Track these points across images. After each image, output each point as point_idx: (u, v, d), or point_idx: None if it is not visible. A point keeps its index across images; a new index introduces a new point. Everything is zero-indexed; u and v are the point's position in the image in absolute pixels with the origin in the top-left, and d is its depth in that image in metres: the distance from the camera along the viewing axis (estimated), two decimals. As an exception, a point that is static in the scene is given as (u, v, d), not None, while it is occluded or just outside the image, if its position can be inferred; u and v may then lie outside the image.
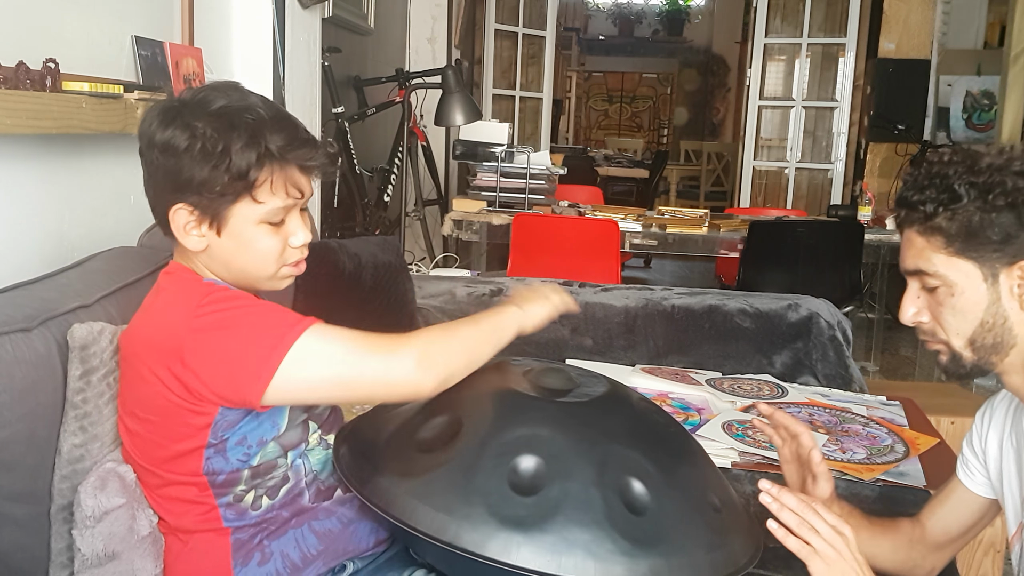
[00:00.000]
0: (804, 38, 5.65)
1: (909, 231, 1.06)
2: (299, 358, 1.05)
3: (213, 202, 1.08)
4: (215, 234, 1.11)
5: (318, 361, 1.06)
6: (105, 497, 1.10)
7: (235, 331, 1.06)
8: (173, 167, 1.07)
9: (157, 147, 1.08)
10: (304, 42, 2.50)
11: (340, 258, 1.98)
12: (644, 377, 2.09)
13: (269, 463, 1.14)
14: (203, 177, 1.06)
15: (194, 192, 1.07)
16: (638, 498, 1.05)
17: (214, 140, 1.05)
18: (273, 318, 1.08)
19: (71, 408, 1.11)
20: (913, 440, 1.76)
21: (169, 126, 1.07)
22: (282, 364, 1.04)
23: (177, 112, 1.08)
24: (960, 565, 1.63)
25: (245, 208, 1.09)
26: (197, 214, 1.09)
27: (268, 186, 1.09)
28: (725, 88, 10.93)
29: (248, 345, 1.05)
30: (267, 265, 1.14)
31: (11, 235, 1.39)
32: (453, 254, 3.84)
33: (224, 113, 1.07)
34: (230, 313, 1.07)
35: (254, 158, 1.06)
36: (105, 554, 1.10)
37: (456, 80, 3.64)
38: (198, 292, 1.10)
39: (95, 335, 1.14)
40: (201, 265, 1.15)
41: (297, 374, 1.05)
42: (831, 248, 3.52)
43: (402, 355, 1.08)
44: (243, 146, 1.05)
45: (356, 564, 1.21)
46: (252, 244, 1.11)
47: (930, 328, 1.08)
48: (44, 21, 1.47)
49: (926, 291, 1.07)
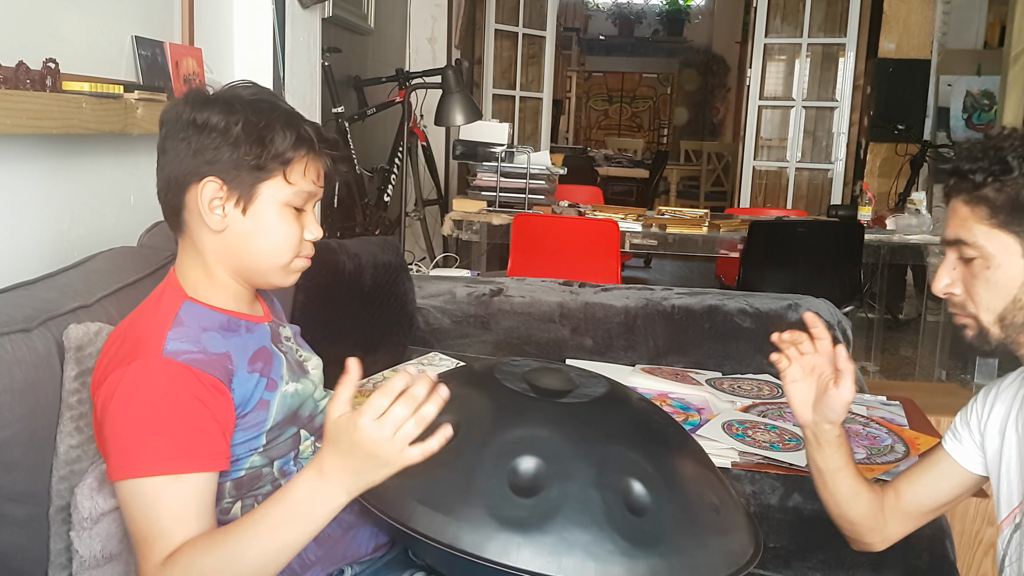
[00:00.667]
0: (804, 38, 5.65)
1: (955, 200, 1.06)
2: (136, 489, 0.98)
3: (248, 176, 1.08)
4: (240, 213, 1.10)
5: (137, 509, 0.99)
6: (102, 498, 1.10)
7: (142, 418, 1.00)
8: (208, 143, 1.07)
9: (192, 125, 1.08)
10: (304, 42, 2.50)
11: (340, 258, 1.98)
12: (644, 377, 2.09)
13: (253, 472, 1.12)
14: (242, 151, 1.07)
15: (230, 166, 1.08)
16: (638, 499, 1.05)
17: (256, 119, 1.08)
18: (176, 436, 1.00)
19: (67, 409, 1.11)
20: (913, 440, 1.76)
21: (206, 108, 1.08)
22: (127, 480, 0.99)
23: (211, 98, 1.10)
24: (960, 565, 1.63)
25: (275, 187, 1.10)
26: (226, 189, 1.08)
27: (301, 169, 1.11)
28: (725, 88, 10.93)
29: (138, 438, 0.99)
30: (283, 252, 1.13)
31: (11, 235, 1.39)
32: (453, 254, 3.84)
33: (261, 99, 1.11)
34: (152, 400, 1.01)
35: (294, 138, 1.09)
36: (103, 555, 1.10)
37: (456, 80, 3.64)
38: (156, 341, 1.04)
39: (91, 336, 1.13)
40: (208, 258, 1.12)
41: (130, 500, 0.99)
42: (831, 248, 3.52)
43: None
44: (283, 125, 1.09)
45: (354, 569, 1.21)
46: (274, 226, 1.11)
47: (961, 301, 1.08)
48: (44, 21, 1.47)
49: (962, 262, 1.07)
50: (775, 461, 1.63)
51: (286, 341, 1.23)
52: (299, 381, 1.18)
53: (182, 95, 1.14)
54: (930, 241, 3.65)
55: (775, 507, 1.56)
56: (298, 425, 1.18)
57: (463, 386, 1.19)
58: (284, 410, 1.14)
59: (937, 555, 1.53)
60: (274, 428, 1.13)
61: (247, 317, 1.16)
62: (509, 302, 2.34)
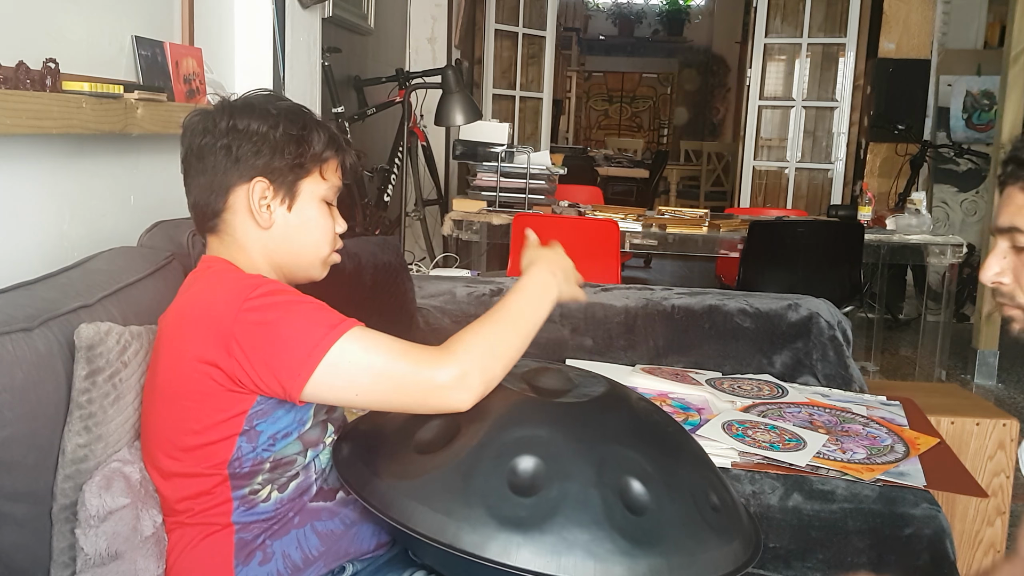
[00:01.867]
0: (804, 38, 5.65)
1: (1011, 188, 1.05)
2: (339, 358, 1.07)
3: (291, 174, 1.19)
4: (286, 209, 1.20)
5: (357, 364, 1.08)
6: (110, 497, 1.10)
7: (282, 324, 1.08)
8: (252, 148, 1.17)
9: (234, 131, 1.17)
10: (304, 42, 2.50)
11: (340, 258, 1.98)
12: (644, 377, 2.09)
13: (289, 458, 1.16)
14: (288, 152, 1.18)
15: (275, 167, 1.18)
16: (637, 498, 1.05)
17: (293, 122, 1.19)
18: (319, 316, 1.10)
19: (76, 408, 1.11)
20: (913, 440, 1.76)
21: (245, 116, 1.18)
22: (322, 363, 1.06)
23: (248, 105, 1.19)
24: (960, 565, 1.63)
25: (313, 184, 1.22)
26: (273, 189, 1.19)
27: (334, 166, 1.24)
28: (725, 88, 10.93)
29: (292, 339, 1.07)
30: (323, 245, 1.24)
31: (12, 235, 1.39)
32: (453, 254, 3.83)
33: (293, 106, 1.22)
34: (279, 306, 1.10)
35: (327, 138, 1.22)
36: (108, 554, 1.10)
37: (456, 80, 3.64)
38: (247, 282, 1.13)
39: (102, 335, 1.14)
40: (255, 254, 1.20)
41: (336, 373, 1.07)
42: (831, 248, 3.52)
43: (444, 370, 1.08)
44: (316, 127, 1.21)
45: (355, 566, 1.21)
46: (315, 221, 1.22)
47: (1009, 291, 1.07)
48: (44, 21, 1.47)
49: (1014, 251, 1.05)
50: (775, 461, 1.63)
51: None
52: None
53: (211, 106, 1.24)
54: (930, 241, 3.65)
55: (775, 507, 1.56)
56: (326, 410, 1.23)
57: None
58: None
59: (937, 555, 1.53)
60: (316, 406, 1.18)
61: None
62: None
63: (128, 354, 1.18)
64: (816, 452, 1.66)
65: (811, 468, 1.61)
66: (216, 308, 1.10)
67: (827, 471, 1.60)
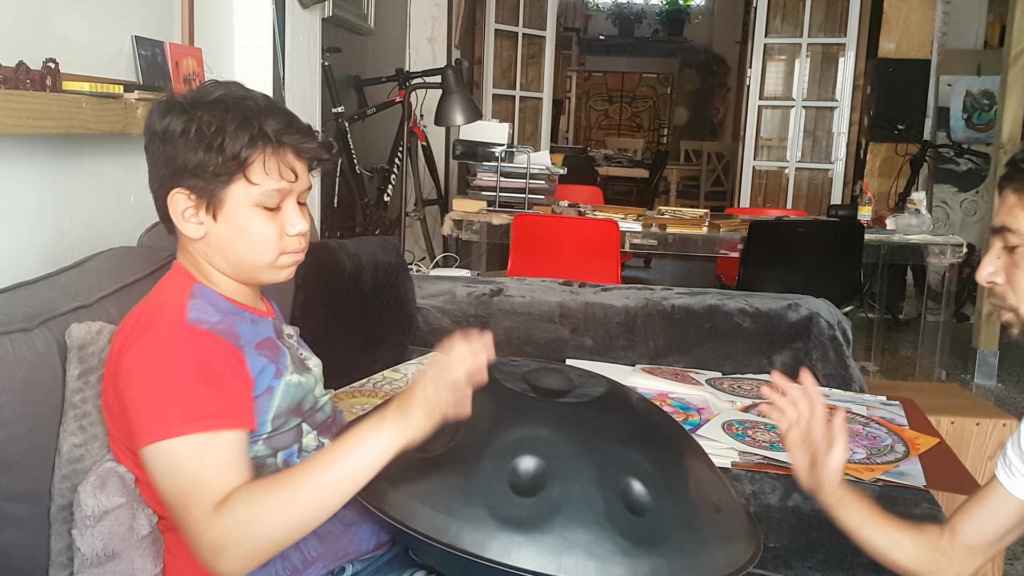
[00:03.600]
0: (804, 38, 5.65)
1: (1007, 189, 1.07)
2: (172, 451, 0.99)
3: (209, 183, 1.09)
4: (212, 219, 1.11)
5: (173, 470, 1.00)
6: (105, 497, 1.10)
7: (166, 381, 1.02)
8: (171, 153, 1.09)
9: (157, 136, 1.10)
10: (304, 42, 2.50)
11: (340, 258, 1.98)
12: (644, 377, 2.09)
13: (258, 462, 1.13)
14: (198, 159, 1.07)
15: (191, 175, 1.09)
16: (638, 498, 1.05)
17: (209, 123, 1.07)
18: (200, 396, 1.02)
19: (70, 408, 1.11)
20: (913, 440, 1.76)
21: (167, 115, 1.09)
22: (157, 443, 1.00)
23: (175, 103, 1.11)
24: (960, 565, 1.63)
25: (240, 190, 1.10)
26: (195, 198, 1.10)
27: (261, 167, 1.10)
28: (725, 88, 10.93)
29: (163, 401, 1.01)
30: (264, 252, 1.13)
31: (11, 235, 1.39)
32: (453, 254, 3.83)
33: (220, 100, 1.10)
34: (147, 368, 1.03)
35: (247, 139, 1.08)
36: (105, 554, 1.10)
37: (456, 80, 3.64)
38: (176, 316, 1.08)
39: (93, 335, 1.14)
40: (201, 259, 1.15)
41: (164, 462, 1.00)
42: (831, 248, 3.52)
43: (202, 538, 0.97)
44: (236, 127, 1.08)
45: (355, 566, 1.21)
46: (247, 228, 1.11)
47: (1001, 291, 1.08)
48: (44, 21, 1.47)
49: (1007, 251, 1.07)
50: (775, 461, 1.63)
51: (288, 338, 1.26)
52: (302, 375, 1.20)
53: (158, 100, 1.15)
54: (930, 241, 3.65)
55: (775, 507, 1.56)
56: (300, 417, 1.19)
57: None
58: (288, 399, 1.16)
59: (937, 555, 1.53)
60: (279, 416, 1.14)
61: (251, 309, 1.19)
62: (509, 302, 2.34)
63: (120, 353, 1.17)
64: (816, 452, 1.66)
65: (811, 468, 1.61)
66: (126, 334, 1.08)
67: (827, 471, 1.60)
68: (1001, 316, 1.11)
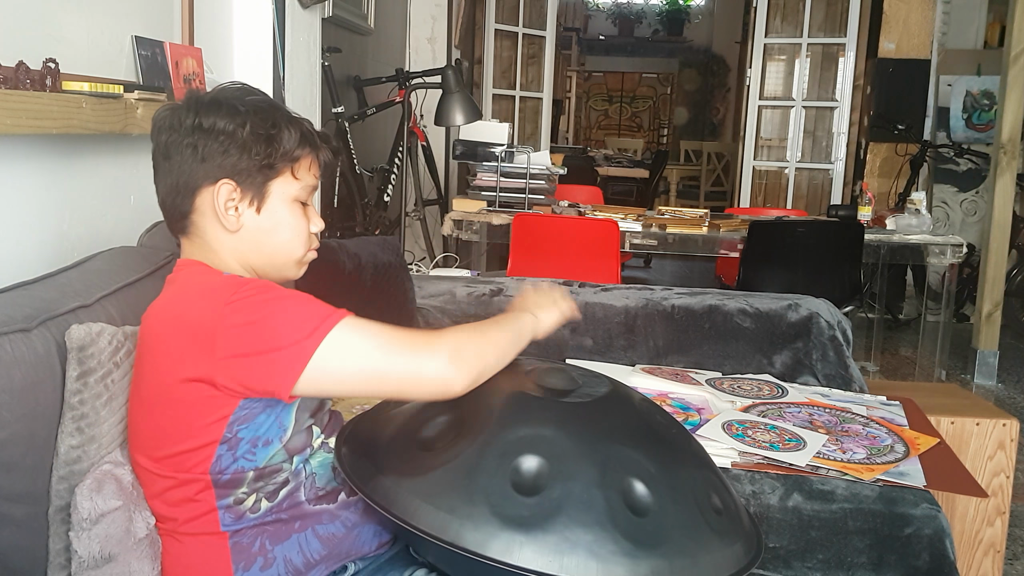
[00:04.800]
0: (804, 38, 5.65)
1: None
2: (332, 350, 1.05)
3: (260, 175, 1.15)
4: (255, 212, 1.16)
5: (350, 354, 1.07)
6: (102, 499, 1.09)
7: (268, 322, 1.06)
8: (218, 147, 1.12)
9: (199, 130, 1.12)
10: (304, 42, 2.50)
11: (340, 258, 1.98)
12: (644, 377, 2.09)
13: (274, 467, 1.14)
14: (256, 152, 1.13)
15: (243, 168, 1.13)
16: (640, 499, 1.05)
17: (262, 120, 1.14)
18: (306, 309, 1.08)
19: (68, 409, 1.11)
20: (913, 440, 1.76)
21: (211, 113, 1.13)
22: (315, 355, 1.04)
23: (214, 102, 1.14)
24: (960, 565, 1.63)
25: (284, 184, 1.17)
26: (240, 191, 1.14)
27: (307, 164, 1.19)
28: (725, 88, 10.94)
29: (280, 337, 1.05)
30: (298, 246, 1.20)
31: (11, 235, 1.39)
32: (453, 254, 3.83)
33: (263, 102, 1.17)
34: (263, 304, 1.07)
35: (299, 136, 1.17)
36: (102, 556, 1.09)
37: (456, 80, 3.64)
38: (224, 284, 1.10)
39: (93, 336, 1.13)
40: (226, 254, 1.17)
41: (329, 365, 1.05)
42: (831, 248, 3.52)
43: (435, 352, 1.08)
44: (287, 124, 1.16)
45: (357, 565, 1.21)
46: (287, 222, 1.18)
47: None
48: (44, 21, 1.47)
49: None
50: (775, 461, 1.63)
51: None
52: None
53: (179, 100, 1.18)
54: (930, 241, 3.65)
55: (775, 507, 1.56)
56: (312, 417, 1.20)
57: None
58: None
59: (937, 555, 1.53)
60: (299, 411, 1.15)
61: None
62: (509, 302, 2.33)
63: (120, 355, 1.17)
64: (816, 452, 1.66)
65: (811, 468, 1.61)
66: (194, 315, 1.08)
67: (827, 471, 1.60)
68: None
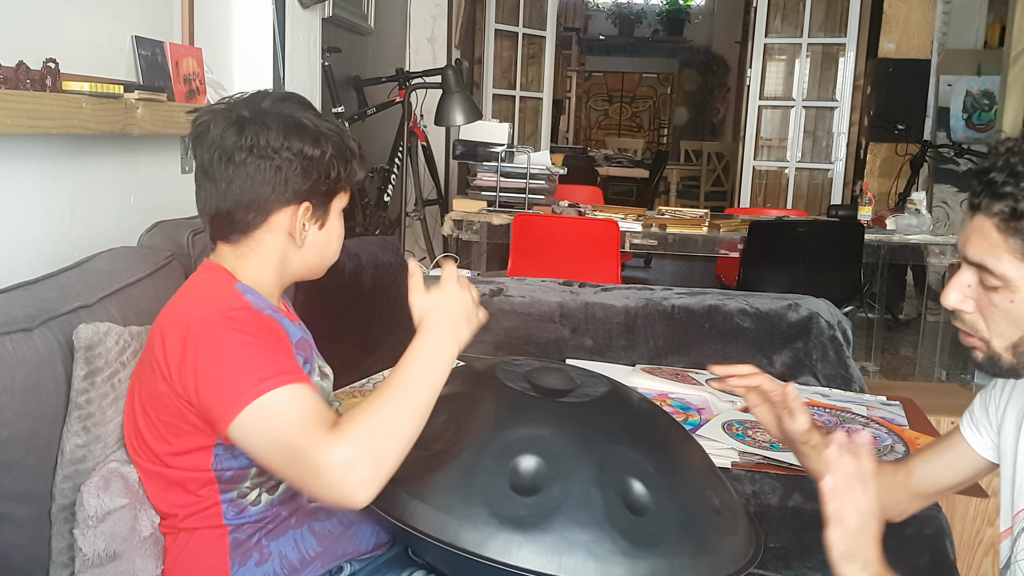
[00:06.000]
0: (804, 38, 5.65)
1: (986, 221, 0.94)
2: (264, 409, 1.01)
3: (329, 194, 1.20)
4: (318, 227, 1.21)
5: (275, 422, 1.01)
6: (108, 497, 1.10)
7: (236, 352, 1.04)
8: (304, 171, 1.15)
9: (287, 153, 1.13)
10: (304, 42, 2.50)
11: (340, 258, 1.97)
12: (644, 377, 2.09)
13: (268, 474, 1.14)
14: (333, 176, 1.18)
15: (321, 191, 1.18)
16: (639, 499, 1.05)
17: (339, 147, 1.19)
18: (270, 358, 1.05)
19: (75, 408, 1.11)
20: (913, 440, 1.76)
21: (298, 138, 1.14)
22: (251, 404, 1.01)
23: (301, 126, 1.15)
24: (960, 565, 1.63)
25: (341, 201, 1.24)
26: (312, 210, 1.18)
27: (354, 180, 1.24)
28: (725, 88, 10.93)
29: (240, 369, 1.03)
30: (338, 251, 1.27)
31: (12, 235, 1.39)
32: (453, 254, 3.83)
33: (335, 129, 1.20)
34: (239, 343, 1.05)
35: (360, 159, 1.24)
36: (107, 554, 1.10)
37: (456, 80, 3.64)
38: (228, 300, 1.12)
39: (101, 336, 1.14)
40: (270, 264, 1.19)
41: (257, 425, 1.01)
42: (831, 248, 3.52)
43: (329, 457, 0.97)
44: (355, 151, 1.22)
45: (354, 566, 1.21)
46: (337, 232, 1.24)
47: (972, 321, 1.00)
48: (44, 21, 1.47)
49: (982, 287, 0.98)
50: (775, 461, 1.63)
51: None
52: (323, 380, 1.27)
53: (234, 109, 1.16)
54: (930, 241, 3.65)
55: (775, 507, 1.56)
56: None
57: (464, 385, 1.19)
58: None
59: (937, 555, 1.53)
60: None
61: (284, 313, 1.24)
62: (509, 302, 2.34)
63: (127, 355, 1.18)
64: (816, 452, 1.66)
65: (811, 468, 1.61)
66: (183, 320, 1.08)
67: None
68: (964, 339, 1.03)
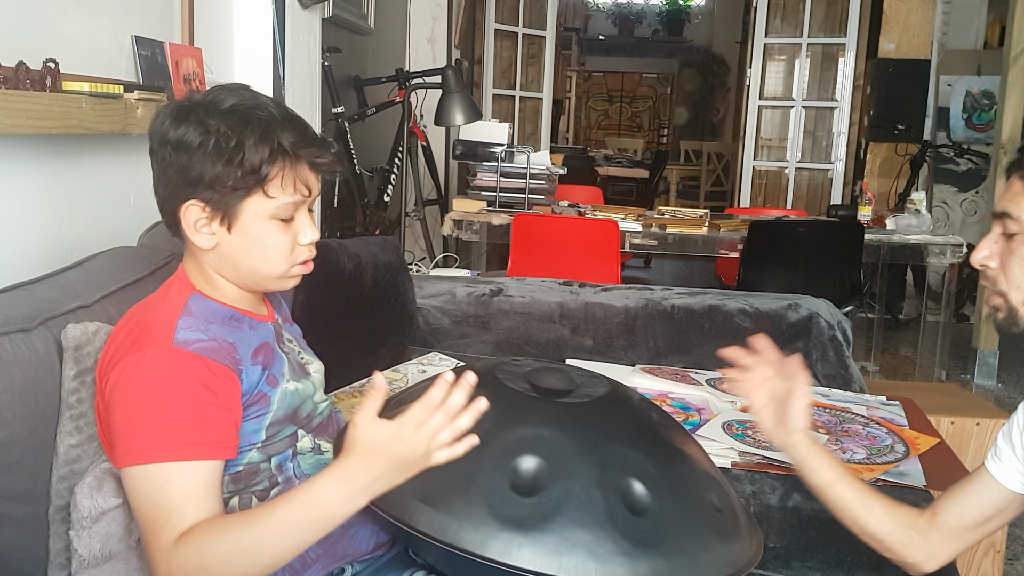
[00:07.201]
0: (804, 38, 5.65)
1: (1015, 176, 1.09)
2: (147, 475, 0.99)
3: (225, 197, 1.07)
4: (226, 231, 1.10)
5: (147, 490, 0.99)
6: (102, 498, 1.10)
7: (153, 406, 1.01)
8: (186, 164, 1.06)
9: (170, 144, 1.07)
10: (304, 42, 2.50)
11: (340, 258, 1.98)
12: (644, 377, 2.09)
13: (251, 468, 1.13)
14: (216, 172, 1.06)
15: (207, 188, 1.07)
16: (639, 499, 1.05)
17: (227, 136, 1.05)
18: (189, 424, 1.01)
19: (67, 409, 1.11)
20: (913, 440, 1.76)
21: (182, 124, 1.07)
22: (136, 466, 0.99)
23: (189, 110, 1.08)
24: (960, 565, 1.63)
25: (256, 203, 1.09)
26: (209, 211, 1.08)
27: (279, 181, 1.09)
28: (725, 88, 10.93)
29: (147, 425, 1.00)
30: (277, 263, 1.13)
31: (11, 235, 1.39)
32: (453, 254, 3.83)
33: (236, 110, 1.08)
34: (167, 387, 1.02)
35: (267, 153, 1.07)
36: (102, 554, 1.10)
37: (456, 80, 3.64)
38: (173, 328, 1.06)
39: (89, 335, 1.13)
40: (208, 268, 1.14)
41: (140, 484, 0.99)
42: (831, 248, 3.52)
43: (157, 568, 0.96)
44: (256, 141, 1.06)
45: (355, 567, 1.21)
46: (262, 241, 1.11)
47: (994, 275, 1.11)
48: (44, 21, 1.47)
49: (1004, 237, 1.09)
50: (775, 461, 1.63)
51: (288, 343, 1.25)
52: (300, 381, 1.20)
53: (165, 105, 1.12)
54: (930, 241, 3.65)
55: (775, 507, 1.56)
56: (296, 424, 1.18)
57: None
58: (284, 407, 1.15)
59: (937, 555, 1.53)
60: (273, 424, 1.14)
61: (251, 315, 1.17)
62: (509, 302, 2.34)
63: (117, 354, 1.17)
64: (816, 452, 1.66)
65: (811, 468, 1.61)
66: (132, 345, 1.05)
67: (827, 471, 1.60)
68: (989, 300, 1.14)
